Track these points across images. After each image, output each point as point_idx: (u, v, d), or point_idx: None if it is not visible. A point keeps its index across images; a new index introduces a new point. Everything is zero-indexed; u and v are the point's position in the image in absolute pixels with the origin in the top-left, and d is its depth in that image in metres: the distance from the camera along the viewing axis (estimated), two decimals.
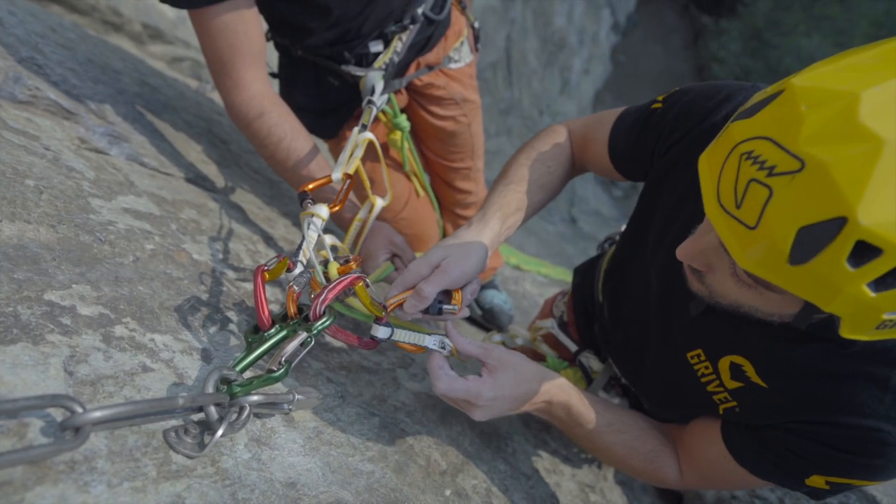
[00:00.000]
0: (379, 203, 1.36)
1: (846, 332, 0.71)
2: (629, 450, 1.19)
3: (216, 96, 2.72)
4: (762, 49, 12.71)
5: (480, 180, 2.25)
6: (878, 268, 0.61)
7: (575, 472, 1.57)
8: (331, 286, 0.96)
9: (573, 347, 1.43)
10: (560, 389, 1.13)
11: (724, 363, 1.03)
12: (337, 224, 1.51)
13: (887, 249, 0.59)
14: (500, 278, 2.66)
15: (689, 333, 1.09)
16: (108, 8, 2.68)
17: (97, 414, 0.61)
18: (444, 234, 2.33)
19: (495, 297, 2.53)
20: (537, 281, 2.93)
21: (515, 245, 4.41)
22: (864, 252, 0.61)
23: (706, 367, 1.06)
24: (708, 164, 0.78)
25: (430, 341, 1.03)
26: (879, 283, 0.63)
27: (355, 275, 1.01)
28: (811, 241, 0.63)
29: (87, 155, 1.26)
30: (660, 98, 1.16)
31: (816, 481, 0.95)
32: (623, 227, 1.73)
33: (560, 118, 10.75)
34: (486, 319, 2.54)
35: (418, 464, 1.10)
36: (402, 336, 1.03)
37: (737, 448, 1.05)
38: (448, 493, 1.10)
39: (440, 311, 1.08)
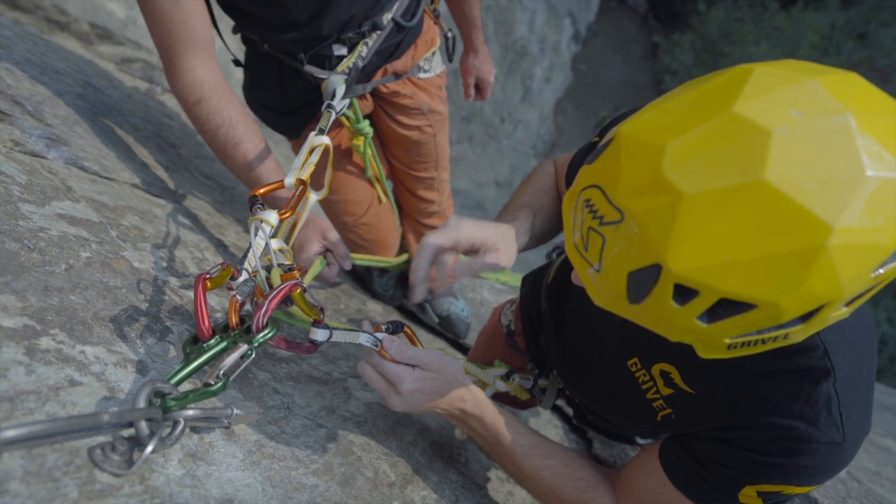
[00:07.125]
0: (313, 197, 1.35)
1: (702, 354, 0.74)
2: (557, 476, 1.15)
3: (167, 99, 2.65)
4: (713, 59, 13.06)
5: (445, 190, 2.23)
6: (700, 305, 0.66)
7: None
8: (270, 297, 0.94)
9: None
10: (475, 402, 1.15)
11: (657, 370, 1.05)
12: None
13: (702, 290, 0.64)
14: (458, 286, 2.65)
15: (625, 342, 1.11)
16: (52, 6, 2.59)
17: (9, 433, 0.57)
18: (405, 242, 2.31)
19: (452, 305, 2.51)
20: (495, 289, 2.93)
21: None
22: (684, 292, 0.66)
23: (644, 375, 1.08)
24: (566, 206, 0.82)
25: (363, 339, 1.04)
26: (709, 316, 0.67)
27: (291, 282, 0.99)
28: (639, 284, 0.68)
29: (20, 158, 1.21)
30: (598, 134, 1.17)
31: (748, 494, 0.95)
32: None
33: (521, 126, 10.87)
34: (442, 327, 2.53)
35: (366, 476, 1.08)
36: (339, 337, 1.01)
37: (672, 468, 1.04)
38: None
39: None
